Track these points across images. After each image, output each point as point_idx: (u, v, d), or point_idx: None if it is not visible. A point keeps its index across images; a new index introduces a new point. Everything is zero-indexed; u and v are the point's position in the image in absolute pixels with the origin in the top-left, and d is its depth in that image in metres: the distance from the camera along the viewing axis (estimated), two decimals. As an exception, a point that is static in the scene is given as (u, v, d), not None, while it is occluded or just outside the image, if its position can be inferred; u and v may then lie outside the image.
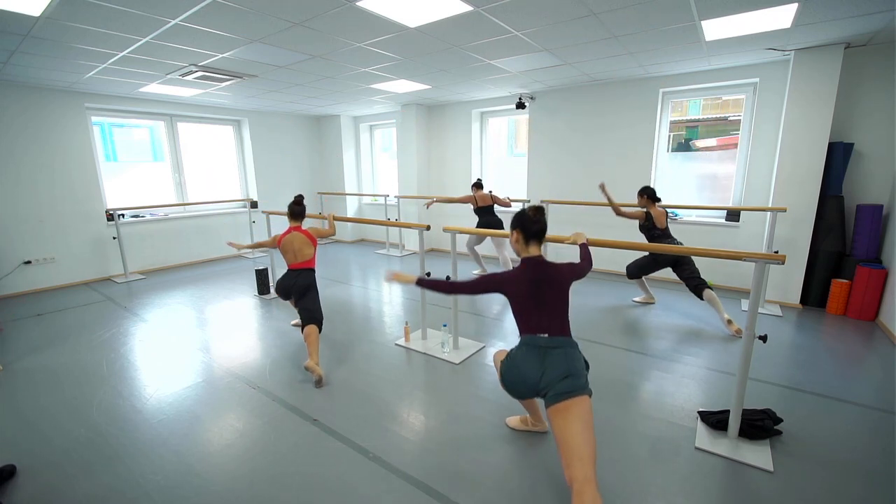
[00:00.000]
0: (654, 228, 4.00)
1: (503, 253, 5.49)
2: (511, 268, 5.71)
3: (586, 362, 1.90)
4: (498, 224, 5.42)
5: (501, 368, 1.97)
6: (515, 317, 1.95)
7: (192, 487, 1.99)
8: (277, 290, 3.43)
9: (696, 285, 3.83)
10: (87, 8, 2.76)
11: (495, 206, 5.46)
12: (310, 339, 3.10)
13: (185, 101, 6.23)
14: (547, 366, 1.79)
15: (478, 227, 5.42)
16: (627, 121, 5.38)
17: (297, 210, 3.49)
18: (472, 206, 5.53)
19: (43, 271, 5.35)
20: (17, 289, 5.17)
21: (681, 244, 3.93)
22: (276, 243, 3.43)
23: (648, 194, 4.03)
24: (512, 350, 1.95)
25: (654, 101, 5.18)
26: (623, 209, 4.11)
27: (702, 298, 3.81)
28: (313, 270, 3.43)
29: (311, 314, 3.24)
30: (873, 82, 4.03)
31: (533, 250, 1.94)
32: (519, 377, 1.86)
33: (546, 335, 1.84)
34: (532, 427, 2.37)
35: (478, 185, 5.55)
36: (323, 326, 3.25)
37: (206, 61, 4.06)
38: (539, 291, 1.88)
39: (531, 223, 1.92)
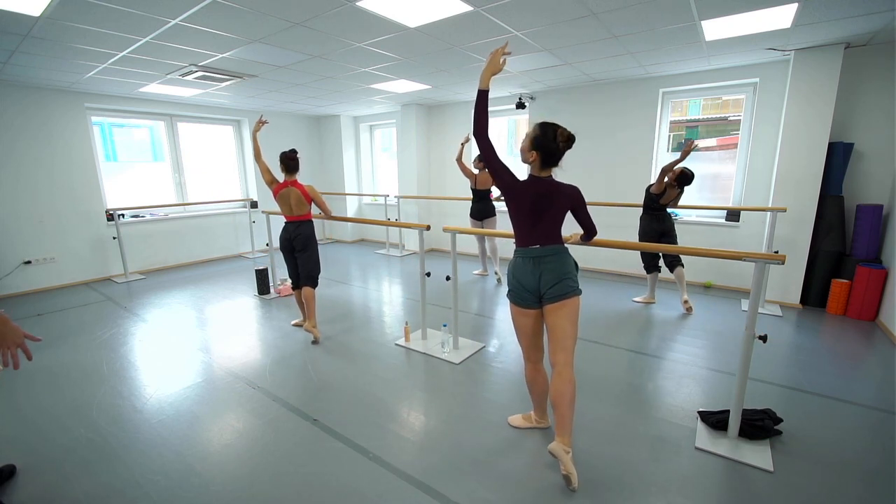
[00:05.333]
0: (655, 200, 4.08)
1: (492, 243, 5.55)
2: (497, 257, 5.75)
3: (576, 264, 2.10)
4: (492, 211, 5.38)
5: (508, 283, 2.14)
6: (512, 222, 2.12)
7: (192, 487, 1.99)
8: (280, 244, 3.57)
9: (672, 261, 4.23)
10: (87, 8, 2.76)
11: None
12: (309, 302, 3.35)
13: (185, 101, 6.23)
14: (542, 272, 2.00)
15: (471, 211, 5.42)
16: (627, 121, 5.38)
17: (291, 165, 3.49)
18: (470, 184, 5.38)
19: (43, 271, 5.35)
20: (17, 289, 5.17)
21: (673, 225, 4.19)
22: (273, 187, 3.49)
23: (681, 181, 3.97)
24: (510, 263, 2.15)
25: (654, 101, 5.18)
26: (665, 177, 3.95)
27: (672, 272, 4.27)
28: (312, 222, 3.58)
29: (309, 274, 3.44)
30: (873, 82, 4.03)
31: (544, 174, 2.03)
32: (521, 286, 2.07)
33: (538, 246, 2.02)
34: (536, 424, 2.38)
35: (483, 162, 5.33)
36: (322, 326, 3.28)
37: (206, 61, 4.06)
38: (539, 206, 2.00)
39: (553, 155, 1.96)
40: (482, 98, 1.99)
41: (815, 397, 2.69)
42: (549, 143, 1.94)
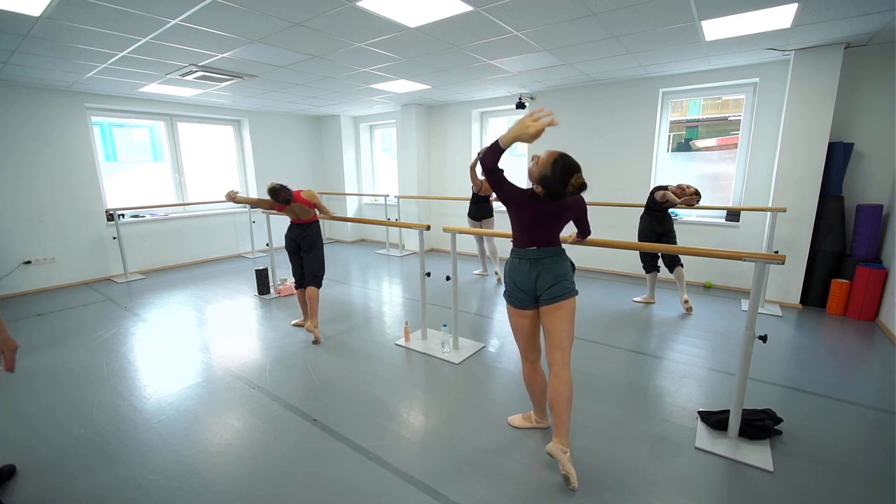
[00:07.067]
0: (658, 205, 4.13)
1: (491, 244, 5.56)
2: (497, 257, 5.69)
3: (572, 264, 2.10)
4: (490, 212, 5.39)
5: (504, 284, 2.16)
6: (511, 224, 2.10)
7: (192, 487, 1.99)
8: (286, 244, 3.68)
9: (671, 261, 4.27)
10: (86, 8, 2.76)
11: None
12: (312, 302, 3.49)
13: (185, 101, 6.23)
14: (539, 273, 2.00)
15: (469, 212, 5.41)
16: (627, 121, 5.37)
17: (286, 202, 3.56)
18: (473, 188, 5.32)
19: (43, 271, 5.35)
20: (17, 289, 5.17)
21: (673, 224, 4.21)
22: (276, 209, 3.68)
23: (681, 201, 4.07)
24: (506, 264, 2.14)
25: (654, 101, 5.18)
26: (671, 197, 4.05)
27: (671, 272, 4.29)
28: (318, 223, 3.72)
29: (314, 274, 3.58)
30: (873, 82, 4.03)
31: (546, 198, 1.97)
32: (516, 287, 2.07)
33: (534, 247, 2.02)
34: (536, 423, 2.38)
35: None
36: (322, 326, 3.27)
37: (206, 61, 4.06)
38: (539, 219, 2.00)
39: (558, 194, 1.88)
40: (497, 152, 1.84)
41: (815, 397, 2.69)
42: (557, 189, 1.87)
